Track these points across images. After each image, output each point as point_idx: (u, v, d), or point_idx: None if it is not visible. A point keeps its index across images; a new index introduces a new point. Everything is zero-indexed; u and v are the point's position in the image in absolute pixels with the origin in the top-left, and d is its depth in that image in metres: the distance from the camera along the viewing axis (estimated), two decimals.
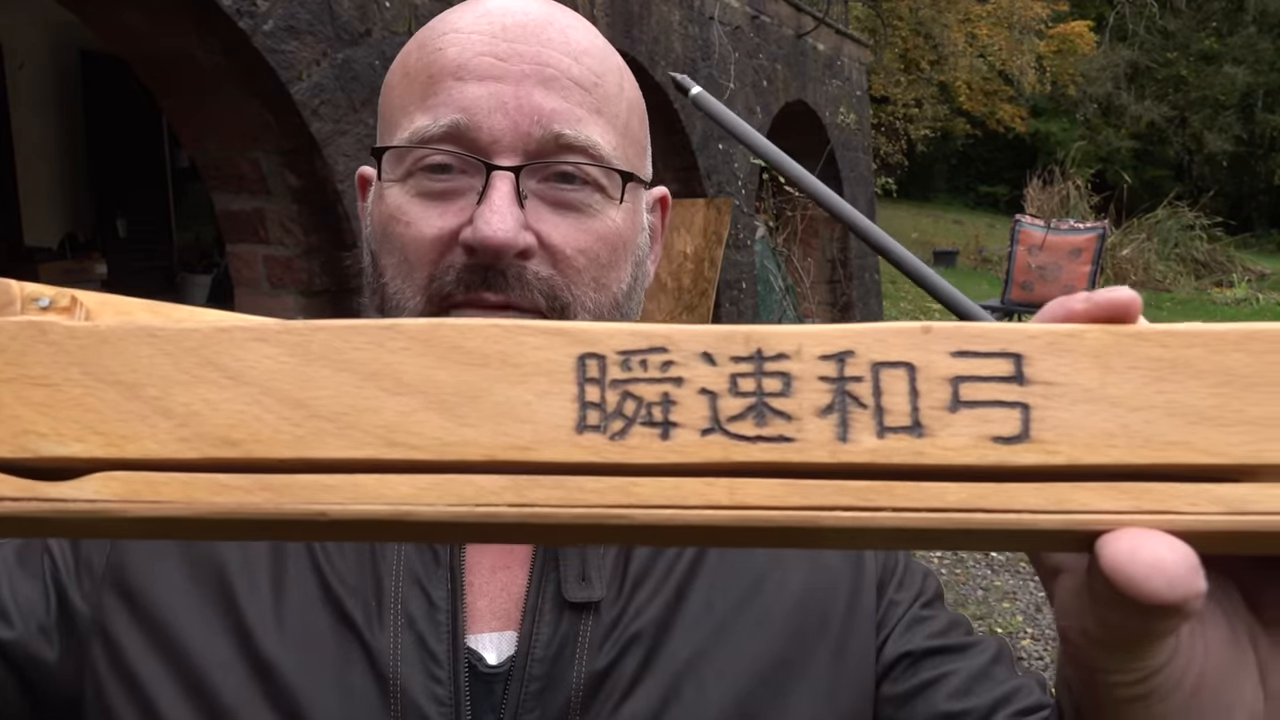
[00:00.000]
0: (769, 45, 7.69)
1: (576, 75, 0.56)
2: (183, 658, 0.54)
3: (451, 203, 0.55)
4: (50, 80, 5.81)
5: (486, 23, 0.56)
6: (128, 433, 0.27)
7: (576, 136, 0.55)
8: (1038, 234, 7.40)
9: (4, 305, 0.30)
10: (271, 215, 3.90)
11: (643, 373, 0.26)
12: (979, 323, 0.26)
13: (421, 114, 0.55)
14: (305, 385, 0.27)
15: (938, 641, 0.62)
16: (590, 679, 0.54)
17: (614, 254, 0.57)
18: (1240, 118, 23.61)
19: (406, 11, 4.00)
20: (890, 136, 15.70)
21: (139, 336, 0.28)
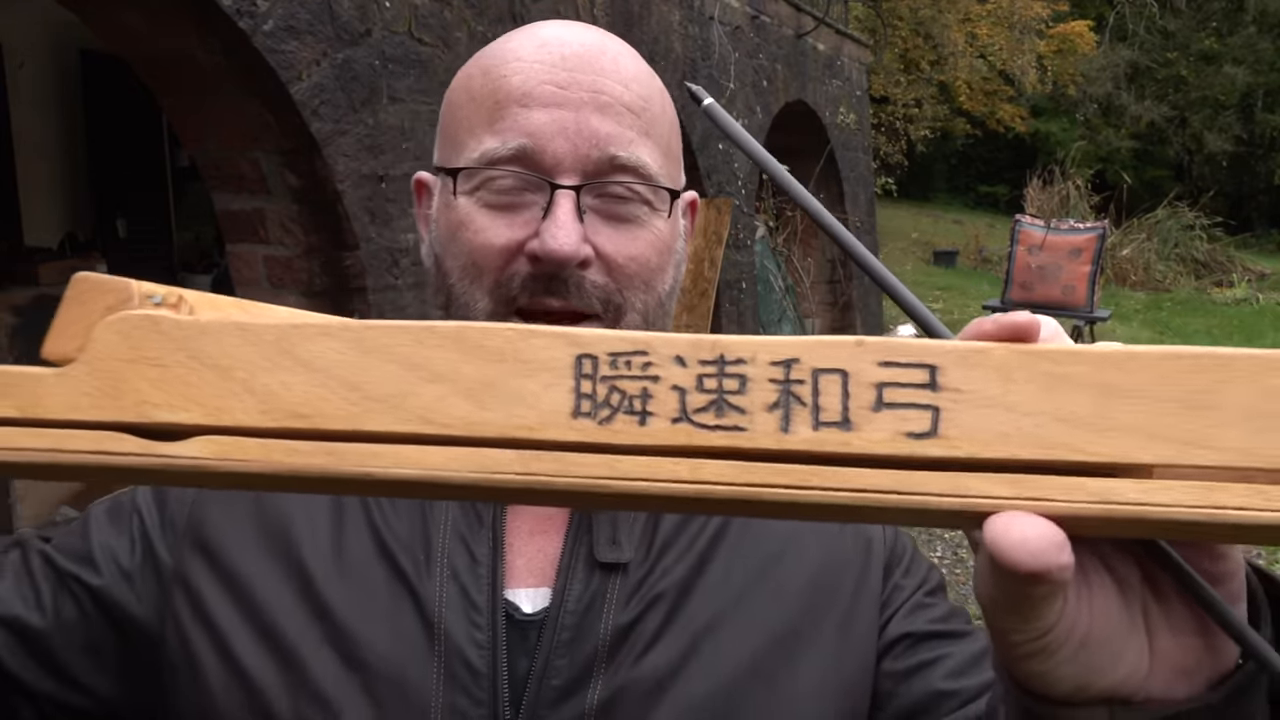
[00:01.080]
0: (769, 45, 7.69)
1: (628, 101, 0.64)
2: (253, 604, 0.62)
3: (517, 215, 0.62)
4: (50, 80, 5.80)
5: (546, 53, 0.63)
6: (221, 405, 0.34)
7: (629, 158, 0.63)
8: (1038, 234, 7.40)
9: (124, 301, 0.37)
10: (271, 215, 3.90)
11: (627, 371, 0.32)
12: (907, 338, 0.32)
13: (490, 136, 0.62)
14: (360, 373, 0.33)
15: (938, 627, 0.68)
16: (616, 632, 0.61)
17: (661, 259, 0.66)
18: (1240, 118, 23.60)
19: (406, 12, 4.00)
20: (890, 136, 15.69)
21: (230, 329, 0.35)
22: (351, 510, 0.63)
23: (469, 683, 0.59)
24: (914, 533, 5.28)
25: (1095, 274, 7.28)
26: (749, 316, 7.07)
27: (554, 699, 0.60)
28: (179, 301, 0.37)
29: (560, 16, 4.97)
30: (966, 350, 0.31)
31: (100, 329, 0.36)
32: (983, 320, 0.34)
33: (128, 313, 0.36)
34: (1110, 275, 15.29)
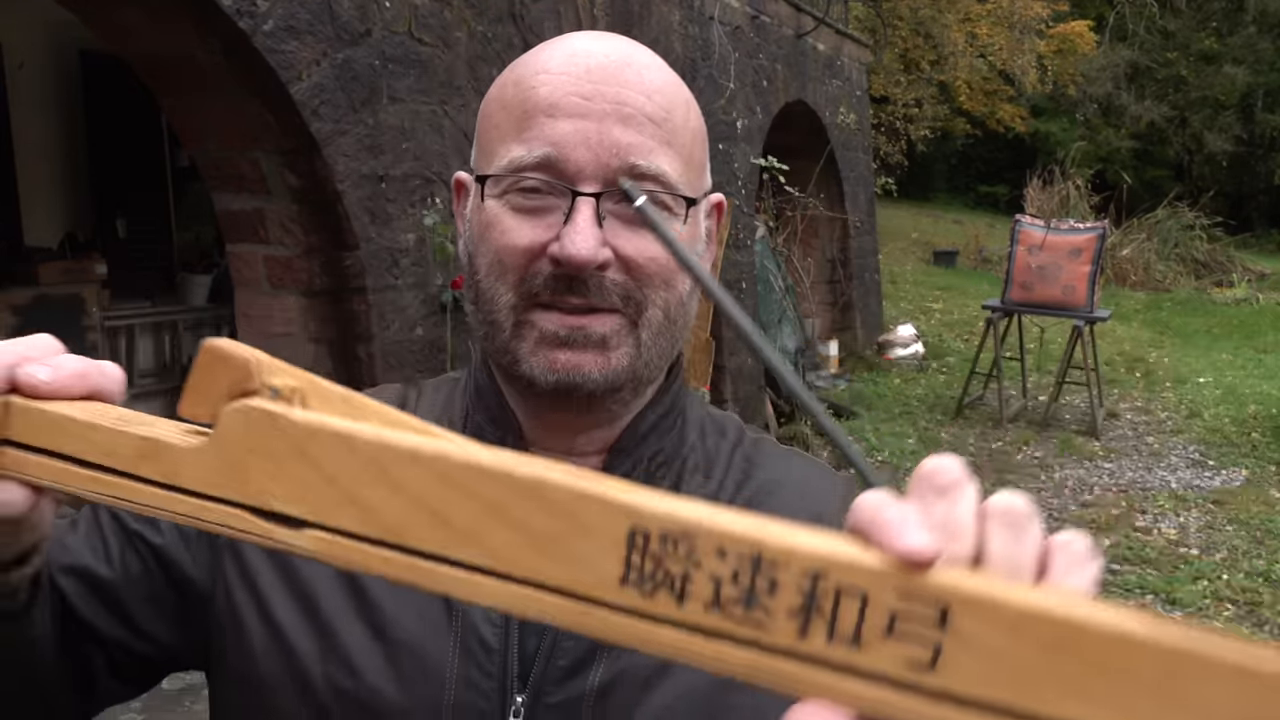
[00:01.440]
0: (769, 45, 7.68)
1: (650, 112, 0.67)
2: (294, 573, 0.69)
3: (541, 218, 0.66)
4: (50, 80, 5.80)
5: (573, 64, 0.67)
6: (328, 508, 0.39)
7: (649, 167, 0.66)
8: (1038, 234, 7.39)
9: (246, 380, 0.41)
10: (271, 215, 3.89)
11: (674, 552, 0.36)
12: (917, 575, 0.34)
13: (518, 144, 0.66)
14: (445, 504, 0.38)
15: None
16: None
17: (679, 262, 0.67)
18: (1240, 118, 23.60)
19: (406, 12, 4.00)
20: (890, 136, 15.69)
21: (334, 440, 0.39)
22: None
23: (482, 658, 0.66)
24: None
25: (1095, 274, 7.27)
26: (749, 316, 7.08)
27: (559, 677, 0.65)
28: (292, 394, 0.41)
29: (560, 17, 4.97)
30: (979, 600, 0.33)
31: (227, 415, 0.41)
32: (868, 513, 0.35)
33: (250, 405, 0.41)
34: (1110, 275, 15.29)
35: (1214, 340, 12.13)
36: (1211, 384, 9.17)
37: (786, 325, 7.88)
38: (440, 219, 4.17)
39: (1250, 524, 5.38)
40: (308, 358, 4.01)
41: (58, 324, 5.34)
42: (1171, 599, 4.39)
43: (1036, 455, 6.76)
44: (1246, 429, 7.47)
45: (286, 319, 4.01)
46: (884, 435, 7.01)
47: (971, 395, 7.90)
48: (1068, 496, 5.90)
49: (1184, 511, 5.63)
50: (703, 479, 0.74)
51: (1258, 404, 8.20)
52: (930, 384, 8.82)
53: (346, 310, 3.92)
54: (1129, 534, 5.23)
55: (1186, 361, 10.35)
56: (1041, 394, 8.21)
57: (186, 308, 6.48)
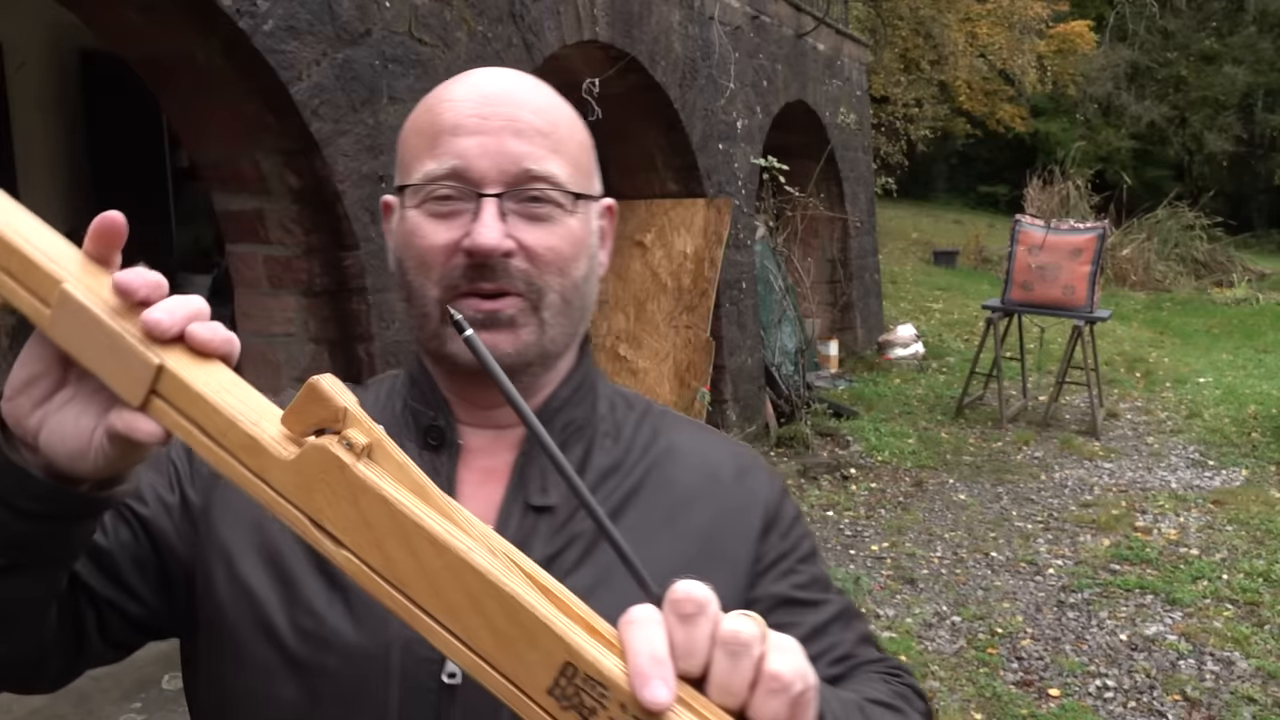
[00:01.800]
0: (769, 45, 7.68)
1: (538, 126, 0.80)
2: (262, 534, 0.80)
3: (454, 220, 0.78)
4: (50, 80, 5.80)
5: (473, 92, 0.81)
6: (362, 545, 0.51)
7: (540, 170, 0.79)
8: (1038, 234, 7.39)
9: (332, 423, 0.52)
10: (271, 215, 3.89)
11: (589, 690, 0.48)
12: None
13: (431, 160, 0.79)
14: (441, 582, 0.50)
15: (798, 594, 0.85)
16: (543, 561, 0.74)
17: (574, 250, 0.81)
18: (1240, 118, 23.59)
19: (407, 12, 4.00)
20: (890, 136, 15.68)
21: (379, 500, 0.50)
22: None
23: None
24: (952, 534, 5.27)
25: (1095, 274, 7.26)
26: (749, 316, 7.07)
27: None
28: (364, 449, 0.51)
29: (560, 16, 4.97)
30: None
31: (312, 447, 0.51)
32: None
33: (329, 449, 0.51)
34: (1110, 275, 15.28)
35: (1214, 340, 12.13)
36: (1211, 384, 9.17)
37: (786, 325, 7.88)
38: None
39: (1250, 524, 5.38)
40: (307, 358, 4.01)
41: None
42: (1171, 599, 4.39)
43: (1036, 455, 6.77)
44: (1246, 429, 7.47)
45: (286, 319, 4.01)
46: (884, 435, 7.02)
47: (971, 395, 7.90)
48: (1068, 496, 5.90)
49: (1184, 511, 5.63)
50: (611, 443, 0.86)
51: (1258, 404, 8.20)
52: (930, 384, 8.82)
53: (346, 310, 3.92)
54: (1129, 534, 5.23)
55: (1186, 361, 10.35)
56: (1041, 394, 8.21)
57: None
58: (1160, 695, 3.58)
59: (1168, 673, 3.75)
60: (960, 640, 4.01)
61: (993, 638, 4.03)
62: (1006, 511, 5.63)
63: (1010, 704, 3.50)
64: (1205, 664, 3.82)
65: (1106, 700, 3.55)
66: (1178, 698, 3.56)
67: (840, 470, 6.27)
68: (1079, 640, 4.02)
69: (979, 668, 3.77)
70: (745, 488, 0.87)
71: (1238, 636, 4.02)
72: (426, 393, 0.84)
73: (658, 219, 6.46)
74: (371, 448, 0.52)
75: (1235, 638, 4.01)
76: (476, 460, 0.83)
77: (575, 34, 5.11)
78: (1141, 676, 3.71)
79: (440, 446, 0.82)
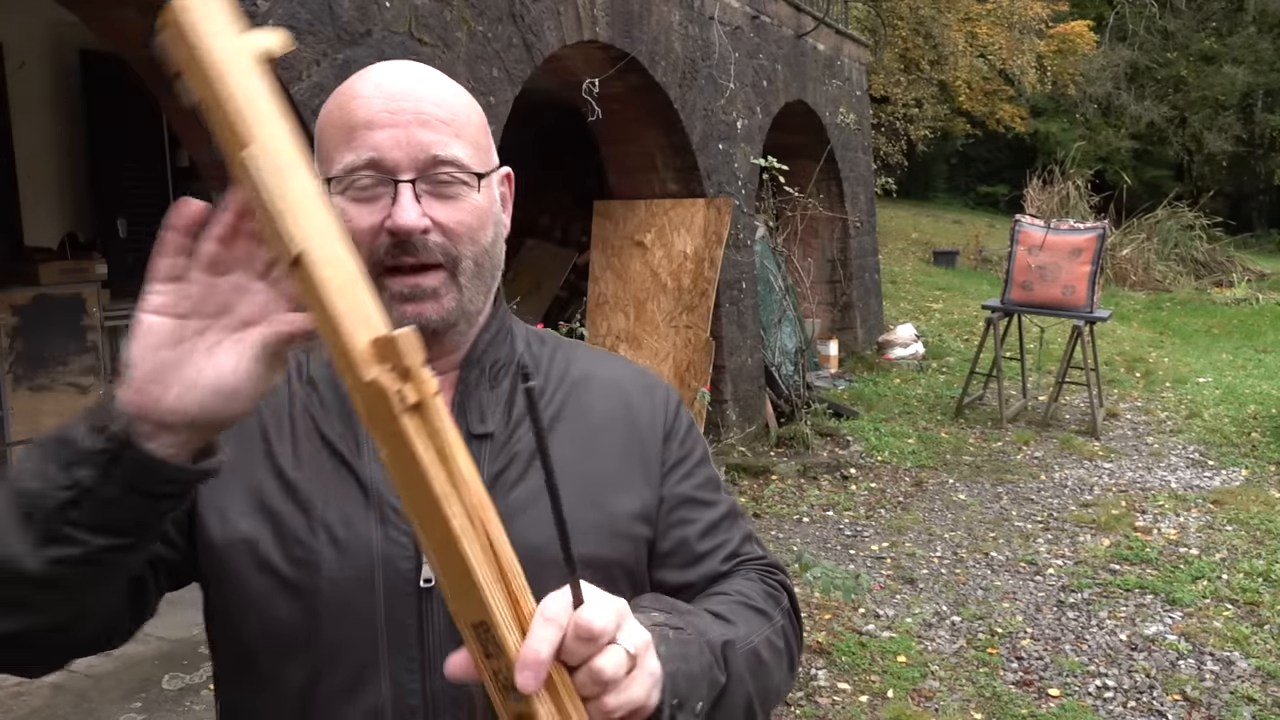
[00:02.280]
0: (769, 45, 7.68)
1: (442, 116, 0.91)
2: (247, 486, 0.91)
3: (375, 204, 0.89)
4: (50, 80, 5.80)
5: (380, 90, 0.91)
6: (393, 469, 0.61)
7: (446, 155, 0.90)
8: (1038, 234, 7.39)
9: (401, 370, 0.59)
10: None
11: (492, 643, 0.62)
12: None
13: (349, 152, 0.89)
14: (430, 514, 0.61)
15: (697, 493, 1.02)
16: (490, 477, 0.92)
17: (481, 220, 0.93)
18: (1240, 118, 23.59)
19: (407, 12, 4.00)
20: (890, 136, 15.68)
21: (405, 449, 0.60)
22: (302, 420, 0.95)
23: (395, 520, 0.90)
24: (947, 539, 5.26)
25: (1095, 274, 7.26)
26: (749, 316, 7.06)
27: None
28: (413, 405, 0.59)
29: (560, 16, 4.97)
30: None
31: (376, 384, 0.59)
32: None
33: (387, 394, 0.59)
34: (1110, 275, 15.28)
35: (1214, 340, 12.14)
36: (1211, 384, 9.17)
37: (786, 325, 7.88)
38: None
39: (1250, 524, 5.38)
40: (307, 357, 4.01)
41: (58, 324, 5.33)
42: (1171, 599, 4.39)
43: (1036, 455, 6.77)
44: (1246, 429, 7.47)
45: None
46: (884, 435, 7.02)
47: (971, 395, 7.90)
48: (1067, 496, 5.90)
49: (1184, 511, 5.63)
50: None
51: (1258, 404, 8.20)
52: (930, 384, 8.82)
53: None
54: (1129, 534, 5.23)
55: (1186, 361, 10.35)
56: (1041, 394, 8.21)
57: None
58: (1160, 695, 3.58)
59: (1167, 673, 3.75)
60: (960, 640, 4.01)
61: (992, 638, 4.03)
62: (1006, 511, 5.63)
63: (1010, 704, 3.50)
64: (1205, 664, 3.82)
65: (1106, 700, 3.55)
66: (1177, 697, 3.56)
67: (840, 470, 6.27)
68: (1079, 640, 4.02)
69: (979, 668, 3.77)
70: (649, 403, 1.03)
71: (1237, 636, 4.02)
72: None
73: (658, 219, 6.46)
74: (420, 405, 0.59)
75: (1235, 638, 4.01)
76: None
77: (575, 34, 5.11)
78: (1141, 676, 3.71)
79: None
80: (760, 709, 0.90)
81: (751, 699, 0.88)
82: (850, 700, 3.52)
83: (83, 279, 5.46)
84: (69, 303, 5.39)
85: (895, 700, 3.51)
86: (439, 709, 0.88)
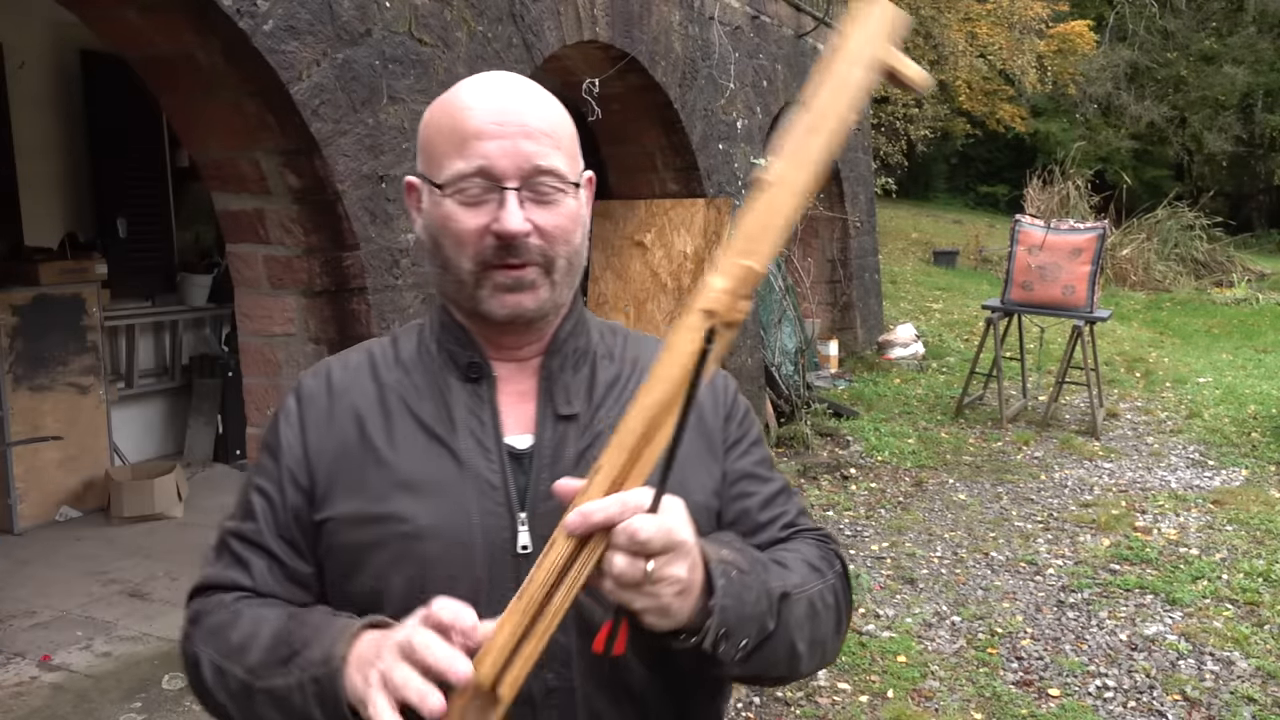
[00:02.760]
0: (769, 45, 7.68)
1: (544, 128, 1.00)
2: (355, 480, 1.02)
3: (482, 209, 0.99)
4: (50, 80, 5.80)
5: (488, 103, 1.00)
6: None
7: (547, 165, 0.99)
8: (1038, 234, 7.39)
9: (726, 316, 0.81)
10: (271, 215, 3.89)
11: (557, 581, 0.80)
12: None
13: (459, 160, 0.99)
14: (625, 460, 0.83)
15: (755, 469, 1.12)
16: (577, 455, 1.02)
17: (573, 223, 1.03)
18: (1240, 118, 23.57)
19: (407, 12, 4.00)
20: (890, 136, 15.68)
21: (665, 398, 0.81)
22: (397, 405, 1.04)
23: (490, 492, 1.00)
24: (951, 533, 5.26)
25: (1095, 274, 7.26)
26: (749, 317, 7.06)
27: (545, 496, 0.96)
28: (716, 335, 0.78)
29: (560, 16, 4.97)
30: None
31: (690, 331, 0.81)
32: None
33: (693, 342, 0.80)
34: (1110, 275, 15.28)
35: (1214, 340, 12.13)
36: (1211, 384, 9.17)
37: (786, 325, 7.88)
38: None
39: (1250, 524, 5.38)
40: (307, 358, 4.01)
41: (58, 324, 5.33)
42: (1171, 599, 4.39)
43: (1036, 455, 6.77)
44: (1246, 429, 7.47)
45: (286, 319, 4.01)
46: (884, 435, 7.02)
47: (971, 395, 7.89)
48: (1067, 496, 5.90)
49: (1184, 511, 5.63)
50: (609, 363, 1.10)
51: (1258, 404, 8.20)
52: (930, 384, 8.82)
53: (346, 310, 3.92)
54: (1129, 534, 5.23)
55: (1186, 361, 10.35)
56: (1041, 394, 8.21)
57: (186, 308, 6.47)
58: (1160, 695, 3.58)
59: (1167, 673, 3.75)
60: (960, 640, 4.01)
61: (992, 637, 4.03)
62: (1006, 511, 5.63)
63: (1010, 704, 3.50)
64: (1205, 664, 3.82)
65: (1106, 700, 3.55)
66: (1177, 697, 3.56)
67: (840, 470, 6.27)
68: (1079, 640, 4.02)
69: (979, 668, 3.77)
70: (710, 388, 1.12)
71: (1237, 636, 4.02)
72: (460, 337, 1.06)
73: (658, 219, 6.46)
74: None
75: (1235, 638, 4.01)
76: (507, 386, 1.05)
77: (575, 34, 5.11)
78: (1141, 676, 3.71)
79: (480, 379, 1.04)
80: (806, 657, 1.00)
81: (795, 646, 0.97)
82: (850, 700, 3.52)
83: (83, 279, 5.46)
84: (69, 303, 5.38)
85: (895, 700, 3.51)
86: (540, 660, 0.95)
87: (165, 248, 6.49)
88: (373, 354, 1.10)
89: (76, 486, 5.45)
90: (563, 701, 0.98)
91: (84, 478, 5.46)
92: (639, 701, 1.01)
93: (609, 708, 0.99)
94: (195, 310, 6.51)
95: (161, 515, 5.29)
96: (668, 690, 1.03)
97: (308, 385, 1.09)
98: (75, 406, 5.43)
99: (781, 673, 1.00)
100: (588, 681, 0.98)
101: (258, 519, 1.06)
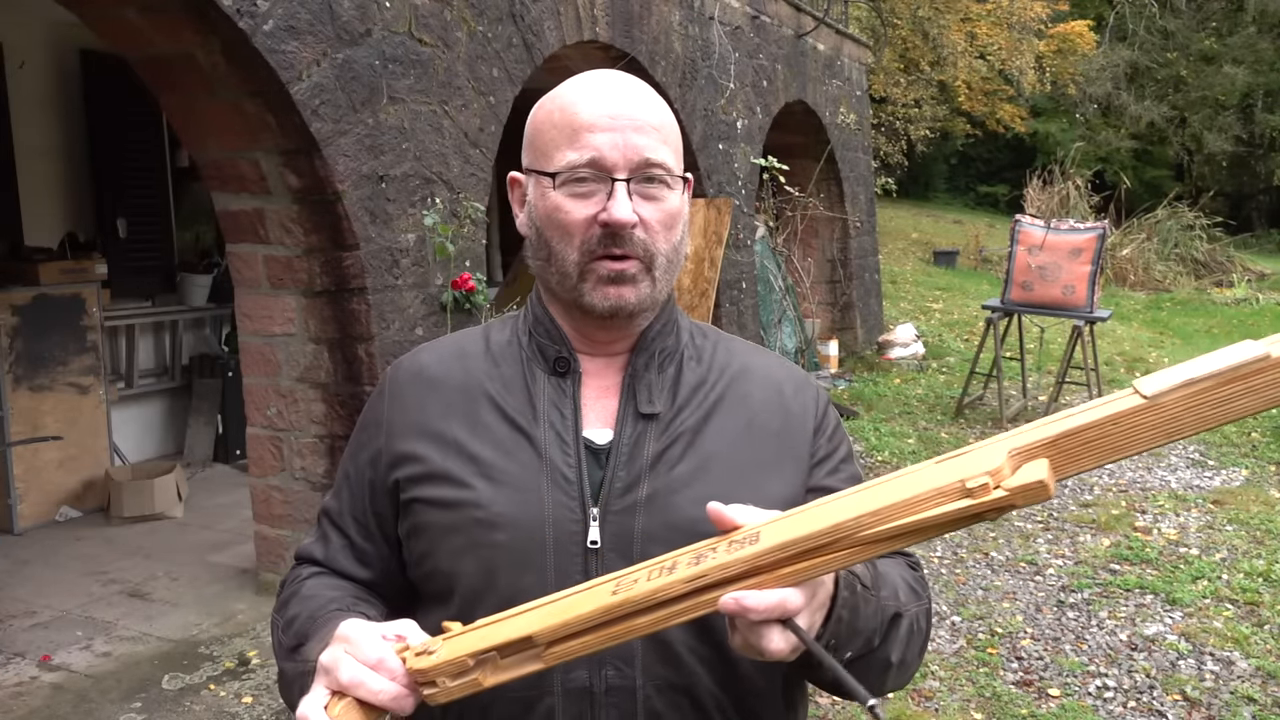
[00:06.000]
0: (769, 45, 7.68)
1: (654, 123, 1.03)
2: (431, 469, 1.04)
3: (590, 199, 1.01)
4: (50, 80, 5.80)
5: (600, 97, 1.03)
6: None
7: (656, 158, 1.01)
8: (1038, 234, 7.39)
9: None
10: (271, 215, 3.89)
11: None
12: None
13: (571, 151, 1.01)
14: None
15: (842, 485, 1.03)
16: (654, 454, 1.02)
17: (675, 220, 1.05)
18: (1240, 118, 23.57)
19: (407, 12, 4.00)
20: (890, 136, 15.68)
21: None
22: (482, 394, 1.06)
23: (565, 485, 1.01)
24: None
25: (1095, 274, 7.26)
26: (749, 316, 7.06)
27: (619, 493, 1.01)
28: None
29: (560, 16, 4.97)
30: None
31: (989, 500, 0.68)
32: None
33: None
34: (1110, 275, 15.28)
35: (1214, 340, 12.13)
36: None
37: (786, 325, 7.88)
38: (440, 219, 4.16)
39: (1250, 524, 5.38)
40: (308, 358, 4.01)
41: (58, 324, 5.33)
42: (1171, 599, 4.39)
43: None
44: (1246, 429, 7.47)
45: (286, 319, 4.01)
46: (884, 435, 7.02)
47: (971, 395, 7.90)
48: (1067, 496, 5.90)
49: (1184, 511, 5.63)
50: (696, 364, 1.10)
51: None
52: (930, 384, 8.82)
53: (346, 310, 3.92)
54: (1129, 534, 5.23)
55: None
56: (1041, 394, 8.21)
57: (186, 308, 6.47)
58: (1160, 695, 3.58)
59: (1167, 673, 3.74)
60: (960, 640, 4.01)
61: (993, 637, 4.03)
62: None
63: (1010, 704, 3.50)
64: (1205, 664, 3.82)
65: (1106, 700, 3.55)
66: (1177, 697, 3.56)
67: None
68: (1079, 640, 4.02)
69: (979, 667, 3.77)
70: (801, 399, 1.12)
71: (1237, 636, 4.02)
72: (551, 331, 1.08)
73: None
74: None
75: (1235, 638, 4.01)
76: (592, 381, 1.07)
77: (575, 34, 5.11)
78: (1141, 676, 3.71)
79: (566, 373, 1.05)
80: (895, 675, 1.03)
81: (890, 663, 1.00)
82: (850, 700, 3.52)
83: (83, 279, 5.46)
84: (69, 303, 5.39)
85: (895, 700, 3.51)
86: (603, 656, 0.95)
87: (165, 248, 6.49)
88: (464, 343, 1.13)
89: (76, 486, 5.45)
90: (623, 700, 0.99)
91: (84, 478, 5.46)
92: (700, 707, 1.01)
93: (669, 710, 1.00)
94: (195, 310, 6.51)
95: (161, 515, 5.29)
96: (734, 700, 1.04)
97: (401, 369, 1.12)
98: (75, 406, 5.43)
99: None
100: (649, 682, 0.99)
101: (341, 497, 1.13)
